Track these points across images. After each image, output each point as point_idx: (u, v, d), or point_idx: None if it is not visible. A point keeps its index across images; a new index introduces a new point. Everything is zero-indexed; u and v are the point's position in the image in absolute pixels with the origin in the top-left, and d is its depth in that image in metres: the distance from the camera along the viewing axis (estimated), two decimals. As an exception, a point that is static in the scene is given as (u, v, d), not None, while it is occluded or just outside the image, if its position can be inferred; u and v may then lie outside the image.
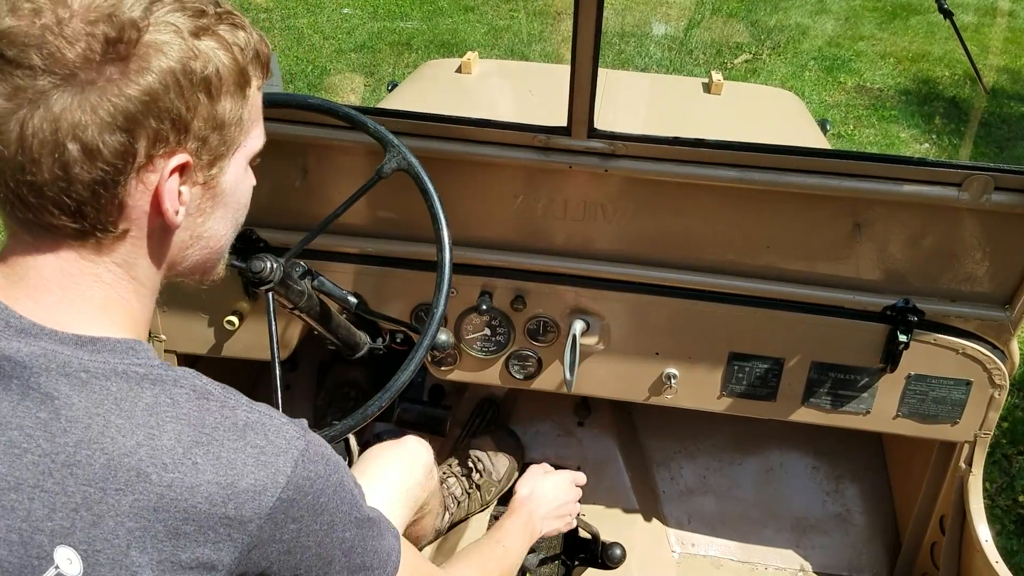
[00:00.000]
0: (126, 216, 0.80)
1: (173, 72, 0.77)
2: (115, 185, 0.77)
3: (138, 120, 0.76)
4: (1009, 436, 2.98)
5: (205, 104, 0.80)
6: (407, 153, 1.43)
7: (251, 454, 0.79)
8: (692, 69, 5.98)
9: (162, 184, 0.80)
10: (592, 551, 2.02)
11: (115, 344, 0.80)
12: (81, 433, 0.74)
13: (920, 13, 6.82)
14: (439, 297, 1.38)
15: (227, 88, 0.82)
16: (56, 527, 0.73)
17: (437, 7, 7.02)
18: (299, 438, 0.83)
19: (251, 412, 0.82)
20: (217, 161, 0.85)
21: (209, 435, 0.78)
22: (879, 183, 1.60)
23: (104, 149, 0.75)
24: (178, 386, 0.80)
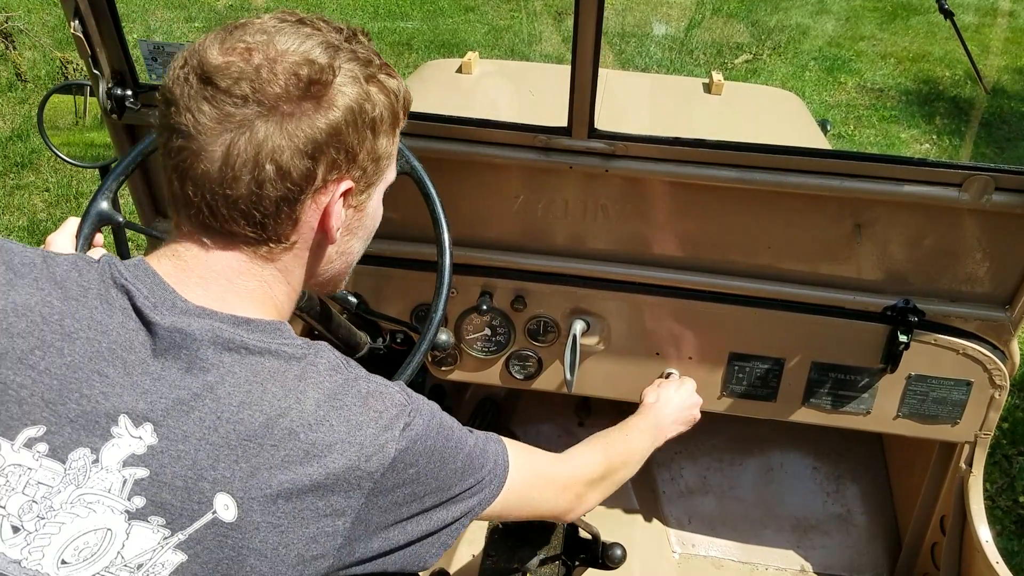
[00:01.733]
0: (297, 230, 0.93)
1: (352, 111, 0.90)
2: (296, 203, 0.90)
3: (323, 149, 0.89)
4: (1009, 437, 2.98)
5: (370, 140, 0.94)
6: (411, 157, 1.43)
7: (372, 417, 0.90)
8: (692, 69, 5.98)
9: (332, 205, 0.93)
10: (592, 551, 2.02)
11: (266, 325, 0.91)
12: (243, 396, 0.85)
13: (920, 13, 6.82)
14: (438, 302, 1.39)
15: (385, 128, 0.96)
16: (218, 476, 0.82)
17: (437, 7, 7.02)
18: (406, 403, 0.95)
19: (370, 383, 0.94)
20: (368, 188, 0.99)
21: (341, 400, 0.90)
22: (879, 183, 1.60)
23: (294, 171, 0.88)
24: (318, 363, 0.92)
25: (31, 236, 4.05)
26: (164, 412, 0.84)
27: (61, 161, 4.73)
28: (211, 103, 0.86)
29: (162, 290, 0.89)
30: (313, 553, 0.86)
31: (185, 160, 0.88)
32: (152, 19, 6.48)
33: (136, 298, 0.87)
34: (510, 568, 2.01)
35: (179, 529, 0.81)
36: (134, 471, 0.82)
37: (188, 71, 0.88)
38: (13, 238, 4.00)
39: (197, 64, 0.88)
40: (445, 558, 2.04)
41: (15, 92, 5.26)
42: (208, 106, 0.86)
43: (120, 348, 0.85)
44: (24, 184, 4.45)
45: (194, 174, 0.88)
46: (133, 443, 0.83)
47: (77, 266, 0.91)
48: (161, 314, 0.87)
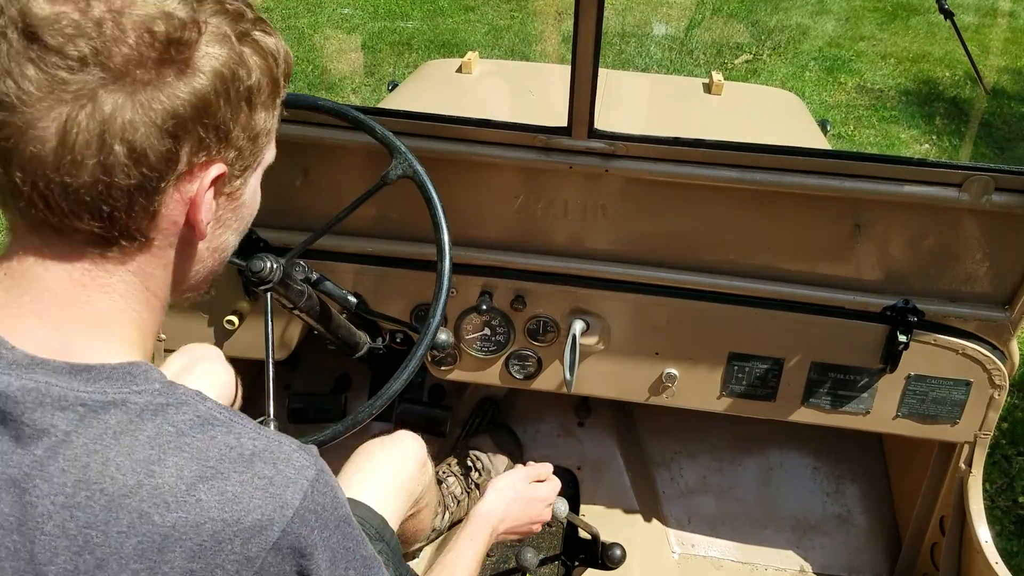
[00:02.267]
0: (156, 225, 0.76)
1: (223, 78, 0.74)
2: (154, 193, 0.73)
3: (187, 126, 0.73)
4: (1009, 437, 2.98)
5: (246, 113, 0.78)
6: (413, 160, 1.43)
7: (258, 485, 0.74)
8: (692, 69, 5.98)
9: (199, 195, 0.77)
10: (592, 551, 2.02)
11: (112, 371, 0.74)
12: (79, 473, 0.70)
13: (920, 13, 6.82)
14: (436, 307, 1.39)
15: (264, 99, 0.80)
16: (60, 571, 0.69)
17: (437, 7, 7.02)
18: (310, 467, 0.78)
19: (258, 439, 0.77)
20: (244, 172, 0.83)
21: (214, 468, 0.73)
22: (879, 183, 1.60)
23: (151, 153, 0.71)
24: (181, 413, 0.75)
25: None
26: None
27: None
28: (38, 66, 0.67)
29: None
30: None
31: (8, 139, 0.69)
32: (152, 19, 6.48)
33: None
34: (509, 568, 2.02)
35: None
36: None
37: (5, 23, 0.68)
38: (13, 238, 4.00)
39: (17, 14, 0.67)
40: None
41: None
42: (34, 70, 0.67)
43: None
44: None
45: (20, 157, 0.69)
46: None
47: None
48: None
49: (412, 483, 1.63)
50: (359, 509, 1.48)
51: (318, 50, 6.17)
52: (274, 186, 1.80)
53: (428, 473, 1.73)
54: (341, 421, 1.34)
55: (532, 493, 1.59)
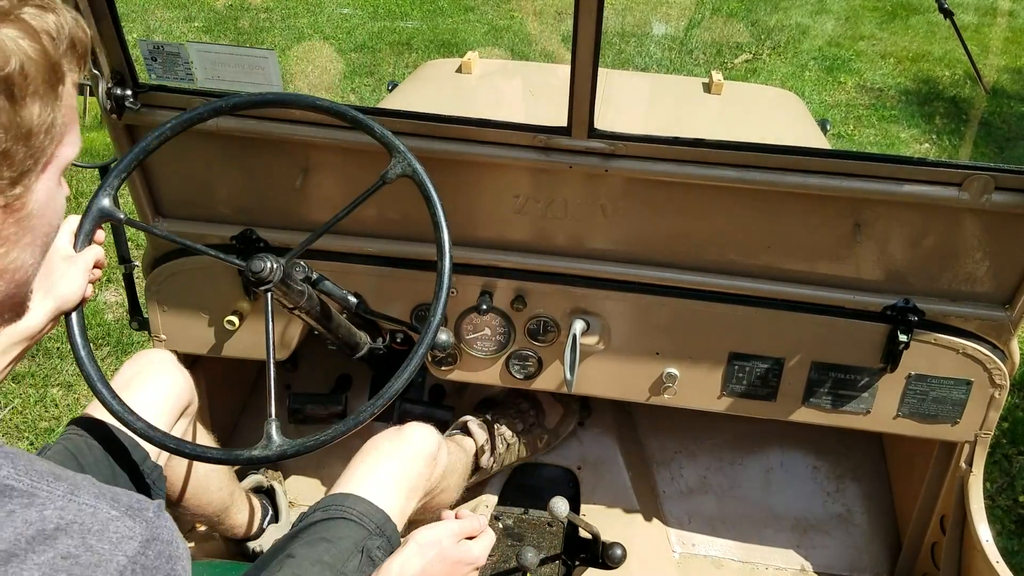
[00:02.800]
0: None
1: None
2: None
3: None
4: (1009, 436, 2.98)
5: (6, 110, 0.64)
6: (412, 160, 1.43)
7: (62, 568, 0.61)
8: (692, 69, 5.98)
9: None
10: (593, 551, 2.02)
11: None
12: None
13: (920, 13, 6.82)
14: (437, 305, 1.38)
15: (35, 88, 0.66)
16: None
17: (437, 7, 7.02)
18: (131, 538, 0.65)
19: (66, 509, 0.63)
20: (22, 178, 0.68)
21: (7, 552, 0.60)
22: (879, 183, 1.60)
23: None
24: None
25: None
26: None
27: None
28: None
29: None
30: None
31: None
32: (151, 19, 6.48)
33: None
34: (510, 567, 2.01)
35: None
36: None
37: None
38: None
39: None
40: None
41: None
42: None
43: None
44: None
45: None
46: None
47: None
48: None
49: (418, 478, 1.62)
50: (359, 504, 1.48)
51: (318, 50, 6.17)
52: (273, 186, 1.82)
53: (439, 464, 1.70)
54: (341, 421, 1.34)
55: (458, 555, 1.38)
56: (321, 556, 1.36)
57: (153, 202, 1.88)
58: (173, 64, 1.69)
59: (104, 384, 1.35)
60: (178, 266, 1.89)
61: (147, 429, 1.33)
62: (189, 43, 1.67)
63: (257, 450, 1.30)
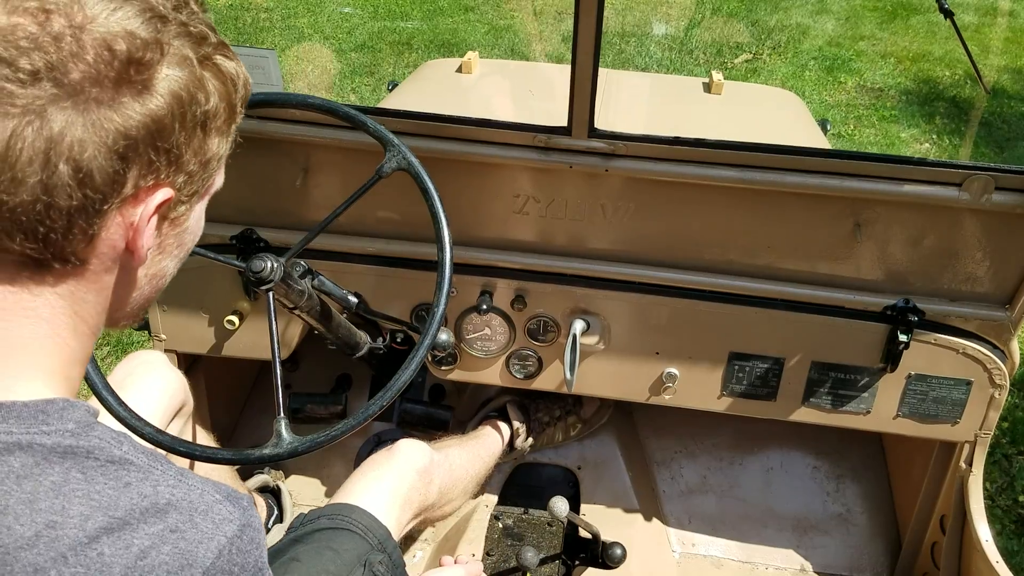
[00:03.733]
0: (93, 248, 0.71)
1: (180, 101, 0.71)
2: (96, 215, 0.69)
3: (138, 148, 0.69)
4: (1009, 436, 2.98)
5: (199, 138, 0.74)
6: (407, 152, 1.43)
7: (169, 540, 0.68)
8: (692, 69, 5.98)
9: (144, 220, 0.72)
10: (592, 551, 2.02)
11: (23, 409, 0.68)
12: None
13: (920, 13, 6.82)
14: (439, 296, 1.38)
15: (219, 124, 0.76)
16: None
17: (437, 7, 7.02)
18: (231, 521, 0.72)
19: (177, 487, 0.71)
20: (191, 198, 0.78)
21: (122, 519, 0.67)
22: (879, 183, 1.60)
23: (97, 174, 0.67)
24: (92, 458, 0.68)
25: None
26: None
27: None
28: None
29: None
30: None
31: None
32: (152, 19, 6.47)
33: None
34: (510, 567, 2.01)
35: None
36: None
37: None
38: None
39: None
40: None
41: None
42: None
43: None
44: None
45: None
46: None
47: None
48: None
49: (411, 491, 1.65)
50: (363, 517, 1.49)
51: (317, 50, 6.17)
52: (273, 186, 1.82)
53: (434, 481, 1.75)
54: (342, 421, 1.34)
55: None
56: (327, 566, 1.40)
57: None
58: (173, 64, 1.69)
59: (109, 390, 1.35)
60: (178, 266, 1.88)
61: (155, 434, 1.33)
62: None
63: (268, 448, 1.29)
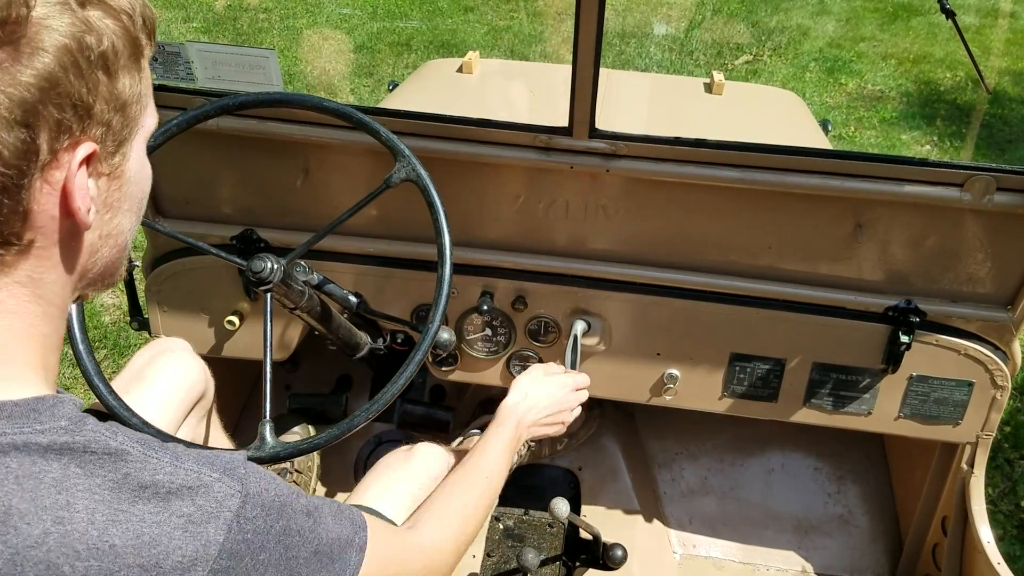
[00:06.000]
0: (31, 224, 0.68)
1: (69, 50, 0.66)
2: (19, 190, 0.66)
3: (37, 110, 0.65)
4: (1011, 440, 2.98)
5: (105, 83, 0.70)
6: (417, 164, 1.44)
7: (177, 524, 0.70)
8: (693, 70, 5.98)
9: (70, 181, 0.69)
10: (593, 552, 2.02)
11: (13, 409, 0.68)
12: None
13: (921, 14, 6.82)
14: (436, 312, 1.39)
15: (123, 62, 0.72)
16: None
17: (436, 7, 7.02)
18: (232, 496, 0.74)
19: (175, 473, 0.72)
20: (121, 147, 0.75)
21: (127, 510, 0.68)
22: (881, 184, 1.60)
23: (4, 150, 0.64)
24: (88, 452, 0.69)
25: None
26: None
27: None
28: None
29: None
30: None
31: None
32: (152, 19, 6.47)
33: None
34: (510, 568, 2.01)
35: None
36: None
37: None
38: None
39: None
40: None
41: None
42: None
43: None
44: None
45: None
46: None
47: None
48: None
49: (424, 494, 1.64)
50: None
51: (317, 50, 6.17)
52: (274, 186, 1.81)
53: None
54: (335, 425, 1.34)
55: (557, 381, 1.62)
56: None
57: (154, 202, 1.88)
58: (174, 64, 1.69)
59: (101, 379, 1.36)
60: (178, 266, 1.88)
61: (141, 426, 1.33)
62: (189, 43, 1.67)
63: (250, 451, 1.30)
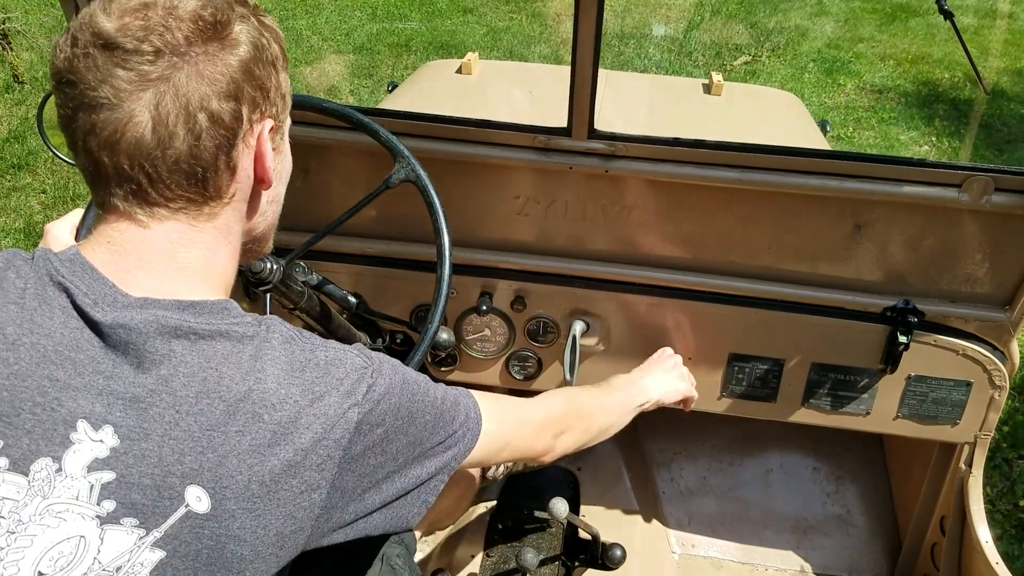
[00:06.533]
0: (235, 179, 0.92)
1: (256, 46, 0.90)
2: (231, 148, 0.89)
3: (242, 88, 0.88)
4: (1009, 440, 2.98)
5: (275, 76, 0.94)
6: (416, 165, 1.44)
7: (334, 385, 0.90)
8: (691, 71, 5.98)
9: (261, 145, 0.93)
10: (592, 552, 2.02)
11: (212, 306, 0.88)
12: (199, 385, 0.83)
13: (919, 15, 6.82)
14: (435, 312, 1.39)
15: (281, 64, 0.96)
16: (186, 470, 0.81)
17: (436, 8, 7.02)
18: (366, 365, 0.95)
19: (327, 351, 0.93)
20: (282, 128, 0.99)
21: (300, 373, 0.89)
22: (879, 184, 1.60)
23: (224, 115, 0.87)
24: (271, 336, 0.90)
25: (27, 239, 4.04)
26: (122, 412, 0.81)
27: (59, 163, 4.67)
28: (124, 67, 0.83)
29: (101, 284, 0.85)
30: (292, 528, 0.87)
31: (115, 133, 0.84)
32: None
33: (76, 296, 0.84)
34: (509, 568, 2.01)
35: (154, 527, 0.80)
36: (100, 475, 0.80)
37: (84, 45, 0.84)
38: (9, 241, 3.99)
39: (91, 36, 0.84)
40: (445, 558, 2.04)
41: (12, 94, 5.26)
42: (123, 71, 0.83)
43: (67, 350, 0.82)
44: (21, 186, 4.44)
45: (127, 144, 0.85)
46: (95, 447, 0.81)
47: (13, 264, 0.87)
48: (103, 311, 0.83)
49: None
50: None
51: (316, 51, 6.18)
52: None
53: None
54: None
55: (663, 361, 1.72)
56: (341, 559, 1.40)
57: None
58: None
59: None
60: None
61: None
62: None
63: None
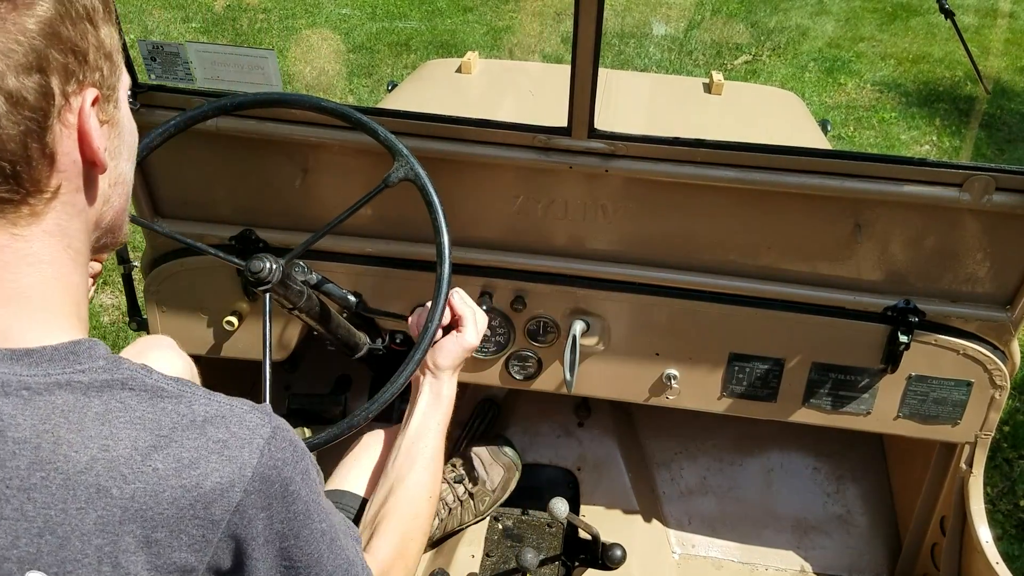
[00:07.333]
0: (57, 168, 0.75)
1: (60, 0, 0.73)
2: (43, 133, 0.72)
3: (47, 55, 0.71)
4: (1010, 440, 2.98)
5: (92, 32, 0.76)
6: (415, 164, 1.43)
7: (214, 449, 0.76)
8: (692, 70, 5.98)
9: (84, 122, 0.76)
10: (592, 552, 2.02)
11: (53, 352, 0.73)
12: (32, 455, 0.70)
13: (920, 14, 6.82)
14: (435, 311, 1.39)
15: (101, 16, 0.78)
16: (23, 554, 0.69)
17: (435, 8, 7.02)
18: (263, 425, 0.80)
19: (209, 404, 0.78)
20: (113, 94, 0.82)
21: (167, 436, 0.74)
22: (880, 183, 1.60)
23: (27, 94, 0.70)
24: (127, 388, 0.75)
25: None
26: None
27: None
28: None
29: None
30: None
31: None
32: (149, 19, 6.48)
33: None
34: (509, 568, 2.01)
35: None
36: None
37: None
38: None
39: None
40: (445, 558, 2.04)
41: (14, 92, 5.25)
42: None
43: None
44: (23, 184, 4.44)
45: None
46: None
47: None
48: None
49: None
50: (346, 499, 1.50)
51: (316, 50, 6.17)
52: (273, 187, 1.81)
53: None
54: (340, 422, 1.34)
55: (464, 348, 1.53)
56: None
57: (152, 202, 1.88)
58: (172, 64, 1.69)
59: None
60: (177, 266, 1.88)
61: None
62: (188, 43, 1.67)
63: None
